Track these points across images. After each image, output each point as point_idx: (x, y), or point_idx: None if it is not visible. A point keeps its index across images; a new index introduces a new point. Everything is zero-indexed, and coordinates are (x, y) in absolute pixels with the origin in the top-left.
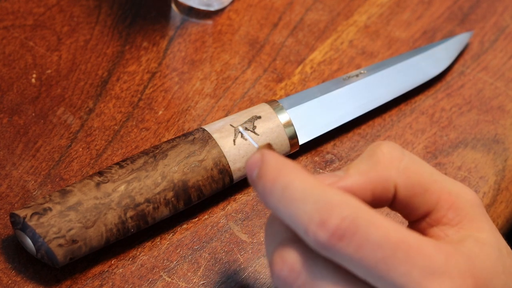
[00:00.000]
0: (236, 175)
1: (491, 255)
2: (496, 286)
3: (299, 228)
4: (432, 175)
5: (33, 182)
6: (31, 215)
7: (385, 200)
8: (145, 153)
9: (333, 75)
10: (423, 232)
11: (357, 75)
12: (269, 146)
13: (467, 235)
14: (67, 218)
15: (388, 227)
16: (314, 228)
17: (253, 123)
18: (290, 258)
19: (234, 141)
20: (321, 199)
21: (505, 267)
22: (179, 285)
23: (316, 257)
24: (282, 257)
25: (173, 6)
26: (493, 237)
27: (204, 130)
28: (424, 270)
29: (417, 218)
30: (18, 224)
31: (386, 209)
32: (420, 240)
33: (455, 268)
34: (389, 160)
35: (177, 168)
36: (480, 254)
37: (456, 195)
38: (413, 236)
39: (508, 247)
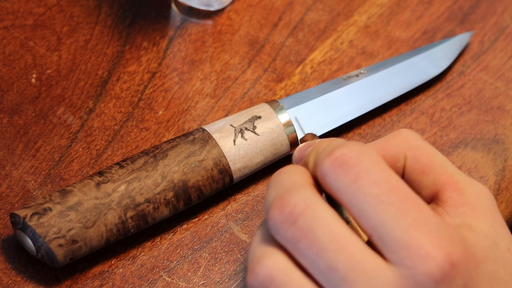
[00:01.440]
0: (236, 175)
1: (483, 243)
2: (484, 271)
3: (318, 163)
4: (444, 162)
5: (33, 182)
6: (31, 215)
7: (395, 170)
8: (145, 153)
9: (333, 75)
10: None
11: (357, 75)
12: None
13: (464, 222)
14: (67, 218)
15: (392, 175)
16: (323, 157)
17: (253, 123)
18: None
19: (234, 141)
20: (337, 140)
21: (498, 258)
22: (179, 285)
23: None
24: (284, 201)
25: (173, 6)
26: (491, 229)
27: (204, 130)
28: (414, 221)
29: (426, 200)
30: (18, 224)
31: None
32: (419, 199)
33: (446, 232)
34: (404, 137)
35: (177, 168)
36: (471, 239)
37: (465, 183)
38: (413, 193)
39: None
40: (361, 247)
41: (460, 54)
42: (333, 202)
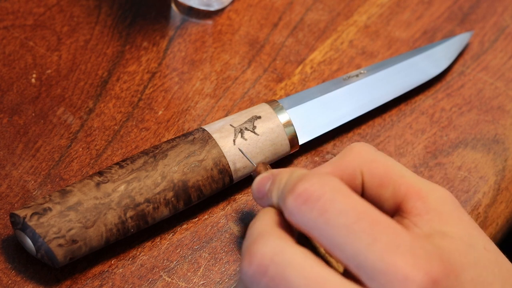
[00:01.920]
0: (236, 175)
1: (459, 248)
2: (466, 278)
3: (281, 200)
4: (401, 171)
5: (33, 182)
6: (31, 215)
7: (354, 189)
8: (145, 153)
9: (333, 75)
10: None
11: (357, 75)
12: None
13: (435, 230)
14: (67, 218)
15: (357, 200)
16: (286, 194)
17: (253, 123)
18: (260, 251)
19: (234, 141)
20: (297, 172)
21: (477, 260)
22: (179, 285)
23: (284, 250)
24: (251, 252)
25: (173, 6)
26: (464, 232)
27: (204, 130)
28: (388, 244)
29: (389, 212)
30: (18, 224)
31: None
32: (387, 219)
33: (420, 249)
34: (357, 153)
35: (177, 168)
36: (447, 247)
37: (426, 190)
38: (381, 214)
39: (487, 242)
40: (339, 282)
41: (460, 54)
42: (305, 238)
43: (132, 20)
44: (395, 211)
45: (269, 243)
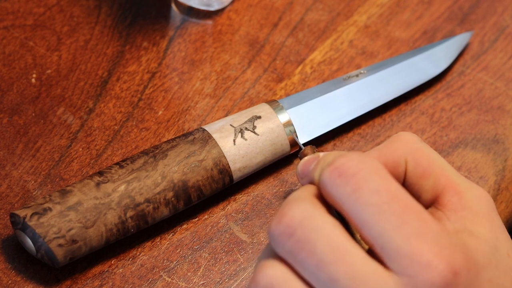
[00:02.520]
0: (236, 175)
1: (483, 248)
2: (486, 277)
3: (321, 174)
4: (444, 165)
5: (33, 182)
6: (31, 215)
7: (397, 176)
8: (145, 153)
9: (333, 75)
10: None
11: (357, 75)
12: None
13: (465, 227)
14: (67, 218)
15: (392, 183)
16: (324, 168)
17: (253, 123)
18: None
19: (234, 141)
20: (339, 153)
21: (499, 263)
22: (179, 285)
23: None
24: (282, 212)
25: (173, 6)
26: (491, 234)
27: (204, 130)
28: (415, 230)
29: (426, 204)
30: (18, 224)
31: None
32: (419, 206)
33: (447, 240)
34: (404, 141)
35: (177, 168)
36: (472, 245)
37: (464, 187)
38: (413, 200)
39: (511, 249)
40: (362, 257)
41: (460, 54)
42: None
43: (132, 20)
44: (432, 203)
45: (301, 207)
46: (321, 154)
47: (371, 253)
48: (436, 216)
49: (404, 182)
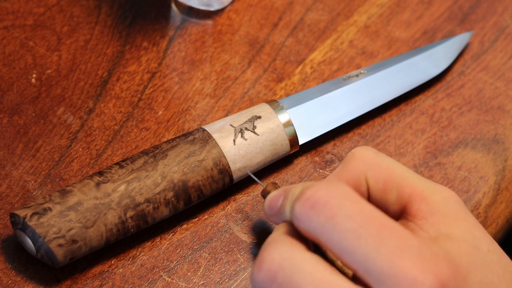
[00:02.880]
0: (236, 175)
1: (465, 251)
2: (474, 280)
3: (291, 207)
4: (404, 173)
5: (33, 182)
6: (31, 215)
7: (360, 194)
8: (145, 153)
9: (333, 75)
10: None
11: (357, 75)
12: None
13: (440, 232)
14: (67, 218)
15: (364, 204)
16: (294, 202)
17: (253, 123)
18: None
19: (234, 141)
20: (307, 184)
21: (483, 262)
22: (179, 285)
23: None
24: (261, 259)
25: (173, 6)
26: (468, 233)
27: (204, 130)
28: (395, 248)
29: (394, 217)
30: (18, 224)
31: None
32: (395, 224)
33: (428, 252)
34: (360, 158)
35: (177, 168)
36: (453, 249)
37: (429, 191)
38: (387, 218)
39: (491, 243)
40: (348, 287)
41: (460, 54)
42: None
43: (132, 20)
44: (400, 214)
45: (278, 249)
46: (286, 187)
47: (356, 278)
48: (409, 227)
49: (369, 199)
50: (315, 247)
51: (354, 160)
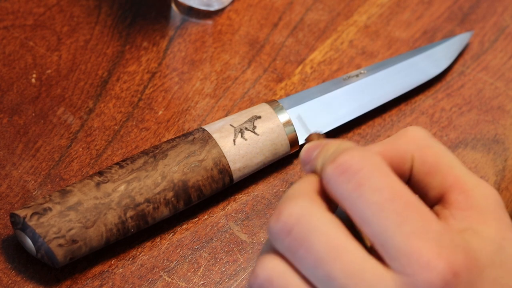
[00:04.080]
0: (236, 175)
1: (488, 248)
2: (488, 277)
3: (323, 171)
4: (452, 162)
5: (33, 182)
6: (31, 215)
7: (402, 173)
8: (145, 153)
9: (333, 75)
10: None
11: (357, 75)
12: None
13: (469, 227)
14: (67, 218)
15: (394, 179)
16: (327, 164)
17: (253, 123)
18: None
19: (234, 141)
20: (339, 145)
21: (503, 263)
22: (179, 285)
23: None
24: (280, 210)
25: (173, 6)
26: (498, 234)
27: (204, 130)
28: (416, 228)
29: (432, 202)
30: (18, 224)
31: None
32: (422, 205)
33: (448, 239)
34: (411, 137)
35: (177, 168)
36: (477, 244)
37: (472, 185)
38: (416, 199)
39: None
40: (360, 255)
41: (460, 54)
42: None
43: (132, 20)
44: (438, 200)
45: (300, 204)
46: (324, 141)
47: (373, 250)
48: (442, 214)
49: (410, 179)
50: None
51: (406, 137)
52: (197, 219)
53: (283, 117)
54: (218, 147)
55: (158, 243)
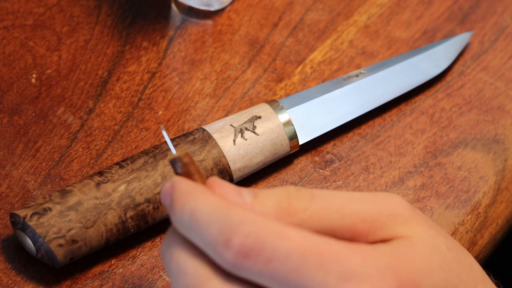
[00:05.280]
0: (236, 175)
1: (423, 253)
2: (432, 283)
3: (210, 251)
4: (340, 210)
5: (33, 182)
6: (31, 215)
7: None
8: (145, 153)
9: (333, 75)
10: None
11: (357, 75)
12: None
13: (395, 235)
14: (67, 218)
15: (297, 237)
16: (220, 249)
17: (253, 123)
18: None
19: (234, 141)
20: (224, 220)
21: (445, 263)
22: None
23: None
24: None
25: (173, 6)
26: (426, 235)
27: (204, 130)
28: (340, 276)
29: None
30: (18, 224)
31: None
32: (333, 246)
33: (373, 269)
34: (294, 210)
35: None
36: (408, 252)
37: (372, 219)
38: (326, 242)
39: (448, 240)
40: None
41: (460, 54)
42: None
43: (132, 20)
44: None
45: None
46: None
47: None
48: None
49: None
50: None
51: (288, 209)
52: None
53: (283, 117)
54: (218, 147)
55: (158, 243)
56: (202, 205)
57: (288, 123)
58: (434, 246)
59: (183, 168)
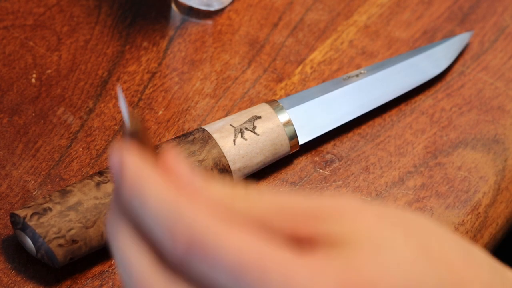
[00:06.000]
0: (236, 175)
1: (371, 256)
2: (391, 286)
3: (155, 239)
4: (284, 202)
5: (33, 182)
6: (31, 215)
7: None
8: None
9: (333, 75)
10: None
11: (357, 75)
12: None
13: (338, 235)
14: (67, 218)
15: (243, 241)
16: (167, 244)
17: (253, 123)
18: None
19: (234, 141)
20: (171, 216)
21: (398, 262)
22: None
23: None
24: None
25: (173, 6)
26: (377, 231)
27: (204, 130)
28: (282, 286)
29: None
30: (18, 224)
31: None
32: (281, 257)
33: (323, 284)
34: (239, 198)
35: None
36: (357, 258)
37: (316, 209)
38: (274, 253)
39: (406, 233)
40: None
41: (460, 54)
42: None
43: (132, 20)
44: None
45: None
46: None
47: None
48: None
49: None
50: None
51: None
52: None
53: (283, 117)
54: (218, 147)
55: None
56: (152, 198)
57: (288, 123)
58: (386, 245)
59: (134, 136)
